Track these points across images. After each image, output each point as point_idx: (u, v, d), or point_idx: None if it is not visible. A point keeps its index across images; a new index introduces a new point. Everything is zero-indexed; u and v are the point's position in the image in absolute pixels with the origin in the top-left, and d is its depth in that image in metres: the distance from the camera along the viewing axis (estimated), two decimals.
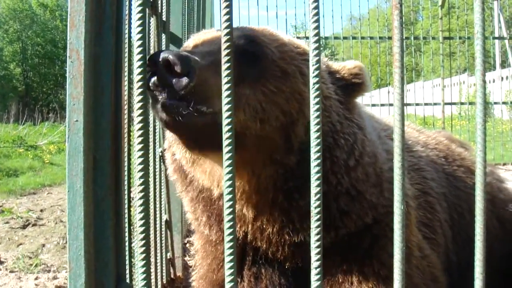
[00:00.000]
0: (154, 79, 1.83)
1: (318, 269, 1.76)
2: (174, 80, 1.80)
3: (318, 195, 1.43)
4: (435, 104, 12.11)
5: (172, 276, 4.07)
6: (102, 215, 1.61)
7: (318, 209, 1.71)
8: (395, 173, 1.38)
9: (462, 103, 13.28)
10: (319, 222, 1.70)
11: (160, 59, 1.76)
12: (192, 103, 1.84)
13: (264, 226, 2.38)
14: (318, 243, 1.76)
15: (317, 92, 1.41)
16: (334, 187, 2.31)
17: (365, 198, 2.41)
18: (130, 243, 2.02)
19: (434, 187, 3.14)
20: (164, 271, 3.65)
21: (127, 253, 1.95)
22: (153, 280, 3.14)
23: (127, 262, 1.93)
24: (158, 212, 3.46)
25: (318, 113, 1.41)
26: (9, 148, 14.89)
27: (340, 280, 2.47)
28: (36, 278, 4.84)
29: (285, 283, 2.62)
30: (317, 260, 1.77)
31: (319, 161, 1.41)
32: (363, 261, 2.48)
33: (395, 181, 1.38)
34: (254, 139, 2.14)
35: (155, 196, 3.13)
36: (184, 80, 1.79)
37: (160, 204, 3.29)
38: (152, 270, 3.14)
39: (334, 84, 2.46)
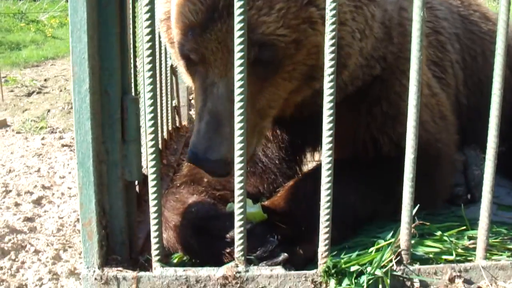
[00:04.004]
0: None
1: (331, 111, 1.71)
2: None
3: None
4: None
5: (177, 124, 4.09)
6: (106, 21, 1.58)
7: (332, 48, 1.64)
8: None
9: None
10: (332, 69, 1.63)
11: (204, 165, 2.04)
12: None
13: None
14: (331, 90, 1.70)
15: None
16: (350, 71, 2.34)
17: (373, 56, 2.39)
18: (135, 61, 1.99)
19: (447, 27, 3.07)
20: (169, 117, 3.66)
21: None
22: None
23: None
24: (163, 57, 3.37)
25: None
26: (10, 22, 14.56)
27: (349, 125, 2.47)
28: (43, 138, 4.94)
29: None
30: (330, 102, 1.71)
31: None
32: (372, 103, 2.51)
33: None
34: None
35: (160, 40, 3.00)
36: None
37: (166, 48, 3.17)
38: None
39: None
